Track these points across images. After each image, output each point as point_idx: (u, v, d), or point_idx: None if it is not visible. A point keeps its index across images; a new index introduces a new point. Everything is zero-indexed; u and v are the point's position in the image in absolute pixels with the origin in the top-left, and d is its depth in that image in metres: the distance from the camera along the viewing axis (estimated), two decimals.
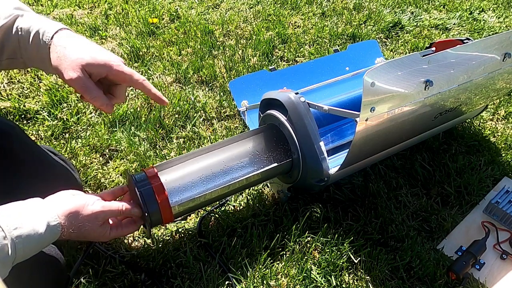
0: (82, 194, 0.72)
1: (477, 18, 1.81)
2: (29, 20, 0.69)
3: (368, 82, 0.68)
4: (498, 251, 0.95)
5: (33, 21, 0.69)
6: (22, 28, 0.68)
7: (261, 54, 1.51)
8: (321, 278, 0.86)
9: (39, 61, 0.70)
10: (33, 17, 0.70)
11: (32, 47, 0.68)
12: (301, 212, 0.99)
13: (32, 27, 0.68)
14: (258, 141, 0.92)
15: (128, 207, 0.75)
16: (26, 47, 0.69)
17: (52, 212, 0.64)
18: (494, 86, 0.99)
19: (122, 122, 1.20)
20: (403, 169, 1.12)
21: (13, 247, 0.56)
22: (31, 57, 0.70)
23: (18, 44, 0.69)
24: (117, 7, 1.76)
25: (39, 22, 0.69)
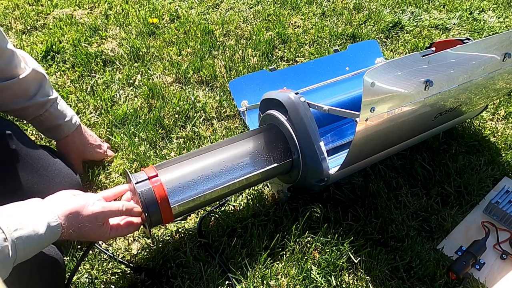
0: (82, 194, 0.72)
1: (477, 18, 1.81)
2: (63, 105, 0.97)
3: (368, 82, 0.68)
4: (498, 251, 0.95)
5: (66, 107, 0.97)
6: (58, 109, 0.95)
7: (261, 54, 1.51)
8: (321, 278, 0.86)
9: (51, 129, 0.97)
10: (64, 103, 0.97)
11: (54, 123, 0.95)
12: (301, 212, 0.99)
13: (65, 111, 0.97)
14: (258, 141, 0.92)
15: (128, 207, 0.75)
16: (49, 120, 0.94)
17: (52, 212, 0.64)
18: (494, 86, 0.99)
19: (122, 122, 1.20)
20: (403, 169, 1.12)
21: (13, 248, 0.56)
22: (41, 124, 0.95)
23: (42, 113, 0.92)
24: (117, 7, 1.76)
25: (69, 110, 0.98)
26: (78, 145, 1.00)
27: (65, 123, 0.95)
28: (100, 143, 1.07)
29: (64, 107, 0.95)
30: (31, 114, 0.91)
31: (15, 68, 0.85)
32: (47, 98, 0.91)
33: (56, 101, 0.94)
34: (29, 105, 0.89)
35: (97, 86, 1.31)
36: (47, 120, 0.93)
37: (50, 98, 0.92)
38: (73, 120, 0.97)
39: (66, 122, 0.95)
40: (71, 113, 0.97)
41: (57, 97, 0.94)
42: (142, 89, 1.31)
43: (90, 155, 1.04)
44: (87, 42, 1.53)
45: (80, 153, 1.01)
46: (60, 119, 0.94)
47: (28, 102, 0.88)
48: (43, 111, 0.91)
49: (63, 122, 0.95)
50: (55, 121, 0.94)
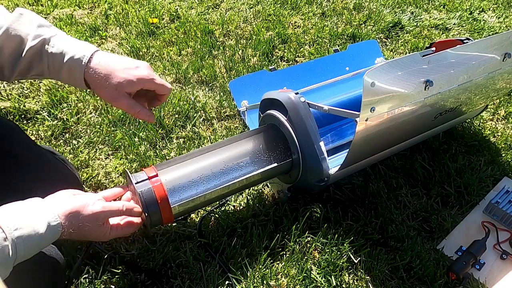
0: (82, 194, 0.72)
1: (477, 18, 1.81)
2: (60, 44, 0.72)
3: (368, 82, 0.68)
4: (498, 251, 0.95)
5: (65, 44, 0.73)
6: (52, 53, 0.72)
7: (261, 54, 1.51)
8: (321, 278, 0.86)
9: (68, 80, 0.75)
10: (62, 40, 0.73)
11: (64, 69, 0.73)
12: (301, 212, 0.99)
13: (65, 51, 0.72)
14: (258, 141, 0.92)
15: (128, 207, 0.75)
16: (56, 68, 0.73)
17: (52, 212, 0.64)
18: (494, 86, 0.99)
19: (122, 122, 1.20)
20: (403, 169, 1.12)
21: (13, 248, 0.56)
22: (59, 76, 0.75)
23: (47, 65, 0.73)
24: (117, 7, 1.76)
25: (71, 46, 0.73)
26: (104, 83, 0.74)
27: (70, 63, 0.72)
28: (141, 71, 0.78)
29: (65, 43, 0.73)
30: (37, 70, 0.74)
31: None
32: (40, 39, 0.71)
33: (52, 39, 0.73)
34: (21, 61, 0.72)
35: None
36: (54, 67, 0.73)
37: (45, 37, 0.72)
38: (77, 55, 0.72)
39: (70, 61, 0.72)
40: (77, 47, 0.73)
41: (54, 34, 0.73)
42: None
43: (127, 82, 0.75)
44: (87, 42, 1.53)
45: (110, 93, 0.74)
46: (62, 60, 0.72)
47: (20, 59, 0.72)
48: (46, 59, 0.72)
49: (67, 63, 0.72)
50: (61, 65, 0.73)
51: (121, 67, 0.75)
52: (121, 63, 0.75)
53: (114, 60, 0.75)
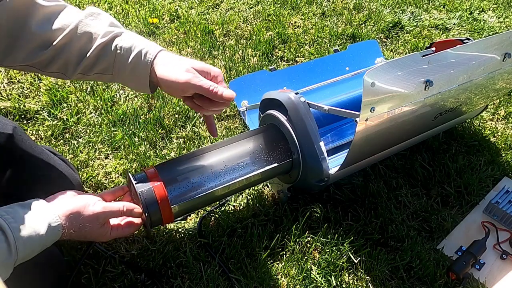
0: (83, 194, 0.72)
1: (477, 18, 1.81)
2: (130, 39, 0.72)
3: (368, 82, 0.68)
4: (498, 251, 0.95)
5: (135, 40, 0.72)
6: (122, 47, 0.71)
7: (261, 54, 1.51)
8: (321, 278, 0.86)
9: (132, 78, 0.74)
10: (133, 36, 0.73)
11: (129, 64, 0.71)
12: (301, 212, 0.99)
13: (134, 46, 0.71)
14: (258, 141, 0.92)
15: (129, 207, 0.75)
16: (123, 64, 0.72)
17: (53, 213, 0.64)
18: (494, 86, 0.99)
19: (122, 122, 1.20)
20: (403, 169, 1.12)
21: (14, 249, 0.56)
22: (123, 73, 0.73)
23: (114, 61, 0.72)
24: (117, 7, 1.76)
25: (141, 42, 0.72)
26: (167, 84, 0.72)
27: (136, 59, 0.71)
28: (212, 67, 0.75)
29: (134, 40, 0.72)
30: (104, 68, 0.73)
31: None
32: (111, 35, 0.71)
33: (122, 35, 0.72)
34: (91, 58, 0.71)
35: (97, 86, 1.31)
36: (120, 63, 0.72)
37: (116, 32, 0.71)
38: (144, 50, 0.71)
39: (136, 57, 0.71)
40: (143, 43, 0.72)
41: (122, 31, 0.72)
42: None
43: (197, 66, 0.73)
44: None
45: (176, 90, 0.73)
46: (129, 56, 0.71)
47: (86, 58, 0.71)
48: (114, 54, 0.71)
49: (133, 59, 0.71)
50: (127, 62, 0.71)
51: (190, 59, 0.74)
52: (192, 60, 0.75)
53: (182, 57, 0.75)
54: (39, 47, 0.69)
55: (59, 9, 0.70)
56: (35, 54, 0.69)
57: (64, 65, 0.72)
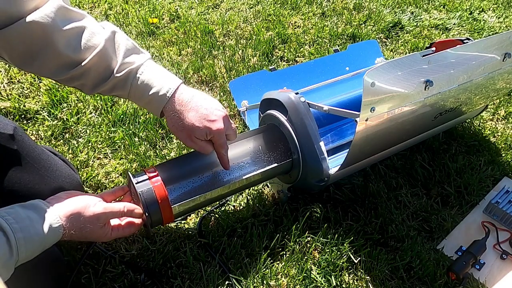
0: (83, 195, 0.72)
1: (477, 18, 1.81)
2: (147, 75, 0.75)
3: (368, 82, 0.68)
4: (498, 251, 0.95)
5: (151, 77, 0.75)
6: (137, 84, 0.74)
7: (261, 54, 1.51)
8: (321, 278, 0.86)
9: (146, 107, 0.78)
10: (150, 70, 0.75)
11: (145, 100, 0.76)
12: (301, 212, 0.99)
13: (150, 84, 0.74)
14: (258, 141, 0.92)
15: (129, 208, 0.75)
16: (138, 97, 0.76)
17: (54, 214, 0.64)
18: (494, 86, 0.99)
19: (122, 122, 1.20)
20: (403, 169, 1.12)
21: (15, 250, 0.56)
22: (139, 103, 0.78)
23: (129, 92, 0.76)
24: (117, 7, 1.76)
25: (157, 80, 0.75)
26: (179, 123, 0.76)
27: (152, 97, 0.74)
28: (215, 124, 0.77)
29: (151, 75, 0.75)
30: (119, 93, 0.76)
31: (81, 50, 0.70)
32: (127, 71, 0.73)
33: (140, 69, 0.75)
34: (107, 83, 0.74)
35: None
36: (134, 96, 0.76)
37: (132, 68, 0.74)
38: (161, 91, 0.74)
39: (152, 96, 0.74)
40: (161, 82, 0.75)
41: (141, 64, 0.75)
42: None
43: (198, 128, 0.76)
44: None
45: (182, 133, 0.77)
46: (145, 93, 0.75)
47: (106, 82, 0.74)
48: (128, 87, 0.75)
49: (149, 96, 0.74)
50: (142, 96, 0.75)
51: (198, 115, 0.76)
52: (200, 109, 0.76)
53: (195, 103, 0.76)
54: (66, 67, 0.71)
55: (81, 28, 0.71)
56: (62, 71, 0.71)
57: (81, 85, 0.75)
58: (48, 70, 0.71)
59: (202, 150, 0.79)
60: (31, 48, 0.67)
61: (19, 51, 0.67)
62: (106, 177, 1.05)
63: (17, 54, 0.68)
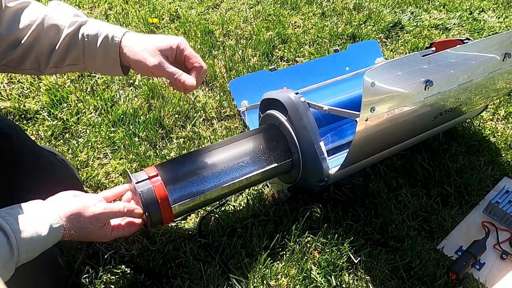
0: (83, 195, 0.72)
1: (477, 18, 1.81)
2: (95, 26, 0.73)
3: (368, 82, 0.68)
4: (498, 251, 0.95)
5: (99, 26, 0.73)
6: (88, 35, 0.72)
7: (261, 54, 1.51)
8: (321, 278, 0.86)
9: (104, 63, 0.75)
10: (97, 23, 0.74)
11: (99, 50, 0.73)
12: (301, 212, 0.99)
13: (100, 32, 0.72)
14: (258, 141, 0.92)
15: (129, 208, 0.75)
16: (92, 51, 0.73)
17: (54, 214, 0.64)
18: (494, 86, 0.99)
19: (122, 121, 1.20)
20: (403, 169, 1.12)
21: (16, 250, 0.56)
22: (95, 60, 0.75)
23: (83, 49, 0.73)
24: (117, 7, 1.76)
25: (106, 27, 0.73)
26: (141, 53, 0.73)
27: (105, 42, 0.72)
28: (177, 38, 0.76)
29: (98, 26, 0.73)
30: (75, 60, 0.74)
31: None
32: (77, 24, 0.72)
33: (88, 22, 0.73)
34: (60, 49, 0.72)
35: (97, 86, 1.31)
36: (89, 49, 0.73)
37: (81, 21, 0.72)
38: (110, 34, 0.72)
39: (104, 41, 0.72)
40: (108, 29, 0.73)
41: (87, 20, 0.73)
42: (142, 89, 1.31)
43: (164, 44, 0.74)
44: None
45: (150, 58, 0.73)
46: (96, 43, 0.72)
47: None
48: (81, 42, 0.72)
49: (102, 44, 0.72)
50: (96, 49, 0.73)
51: (155, 37, 0.75)
52: (154, 36, 0.76)
53: (150, 35, 0.77)
54: (8, 48, 0.70)
55: (23, 6, 0.71)
56: (6, 54, 0.70)
57: (36, 61, 0.73)
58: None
59: (174, 73, 0.74)
60: None
61: None
62: (106, 177, 1.05)
63: None
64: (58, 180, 0.86)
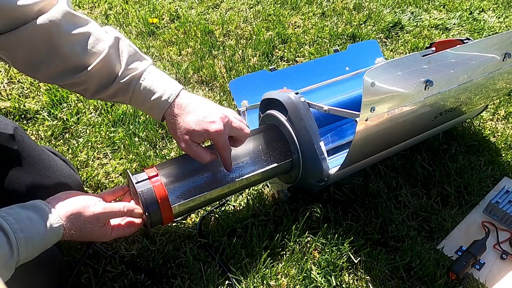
0: (83, 195, 0.72)
1: (477, 18, 1.81)
2: (149, 81, 0.75)
3: (368, 82, 0.68)
4: (498, 251, 0.95)
5: (153, 82, 0.75)
6: (139, 90, 0.74)
7: (261, 54, 1.51)
8: (321, 278, 0.86)
9: (148, 112, 0.78)
10: (152, 76, 0.75)
11: (147, 105, 0.76)
12: (301, 212, 0.99)
13: (153, 89, 0.74)
14: (258, 141, 0.92)
15: (129, 208, 0.75)
16: (140, 103, 0.76)
17: (54, 214, 0.64)
18: (494, 86, 0.99)
19: (122, 122, 1.20)
20: (403, 169, 1.12)
21: (16, 250, 0.56)
22: (141, 108, 0.78)
23: (130, 97, 0.76)
24: (117, 7, 1.76)
25: (159, 85, 0.75)
26: (177, 127, 0.76)
27: (154, 102, 0.74)
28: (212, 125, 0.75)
29: (153, 81, 0.75)
30: (121, 99, 0.77)
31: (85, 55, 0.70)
32: (130, 77, 0.73)
33: (143, 76, 0.75)
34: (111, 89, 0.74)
35: None
36: (136, 101, 0.76)
37: (134, 74, 0.74)
38: (163, 97, 0.74)
39: (154, 101, 0.74)
40: (163, 87, 0.75)
41: (143, 70, 0.75)
42: None
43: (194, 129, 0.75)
44: None
45: (181, 138, 0.76)
46: (147, 98, 0.75)
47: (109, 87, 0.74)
48: (131, 93, 0.75)
49: (151, 101, 0.75)
50: (144, 102, 0.75)
51: (196, 117, 0.75)
52: (198, 111, 0.75)
53: (193, 106, 0.76)
54: (72, 71, 0.70)
55: (87, 33, 0.70)
56: (66, 76, 0.70)
57: (83, 90, 0.75)
58: (51, 74, 0.70)
59: (198, 157, 0.78)
60: (37, 53, 0.66)
61: (24, 55, 0.66)
62: (106, 177, 1.05)
63: (22, 59, 0.67)
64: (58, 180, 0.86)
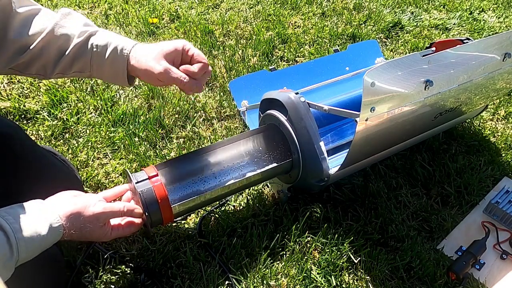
0: (83, 194, 0.72)
1: (477, 18, 1.81)
2: (105, 37, 0.75)
3: (368, 82, 0.68)
4: (498, 251, 0.95)
5: (110, 37, 0.75)
6: (98, 45, 0.74)
7: (261, 54, 1.51)
8: (321, 278, 0.86)
9: (110, 74, 0.77)
10: (107, 34, 0.76)
11: (107, 61, 0.74)
12: (301, 212, 0.99)
13: (109, 43, 0.74)
14: (258, 141, 0.92)
15: (129, 208, 0.75)
16: (100, 61, 0.75)
17: (54, 213, 0.64)
18: (494, 86, 0.99)
19: (122, 121, 1.20)
20: (403, 169, 1.12)
21: (15, 250, 0.56)
22: (101, 70, 0.76)
23: (91, 59, 0.74)
24: (117, 7, 1.76)
25: (116, 39, 0.75)
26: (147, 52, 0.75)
27: (113, 54, 0.73)
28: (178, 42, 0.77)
29: (109, 34, 0.75)
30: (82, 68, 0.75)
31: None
32: (86, 34, 0.73)
33: (97, 33, 0.74)
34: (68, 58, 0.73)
35: (97, 86, 1.31)
36: (97, 60, 0.74)
37: (91, 31, 0.74)
38: (119, 46, 0.74)
39: (113, 53, 0.73)
40: (118, 40, 0.74)
41: (97, 30, 0.74)
42: (142, 89, 1.31)
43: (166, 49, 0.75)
44: None
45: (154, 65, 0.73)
46: (106, 52, 0.73)
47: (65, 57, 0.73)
48: (90, 52, 0.73)
49: (111, 54, 0.73)
50: (104, 57, 0.74)
51: (159, 45, 0.76)
52: (161, 42, 0.77)
53: (154, 44, 0.77)
54: (16, 53, 0.71)
55: (34, 13, 0.72)
56: (13, 59, 0.71)
57: (42, 66, 0.74)
58: (2, 61, 0.71)
59: (182, 78, 0.74)
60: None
61: None
62: (106, 177, 1.05)
63: None
64: (58, 180, 0.86)
